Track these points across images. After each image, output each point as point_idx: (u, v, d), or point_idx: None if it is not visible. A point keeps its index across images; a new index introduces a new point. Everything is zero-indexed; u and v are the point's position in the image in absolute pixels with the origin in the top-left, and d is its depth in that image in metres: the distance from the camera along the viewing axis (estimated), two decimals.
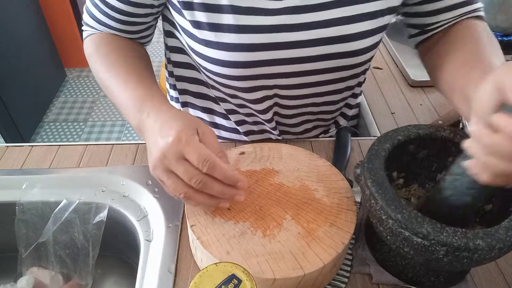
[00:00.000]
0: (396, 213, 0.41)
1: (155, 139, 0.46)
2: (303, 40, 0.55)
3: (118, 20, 0.59)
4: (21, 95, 2.05)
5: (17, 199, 0.59)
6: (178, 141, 0.44)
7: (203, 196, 0.46)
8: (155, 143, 0.46)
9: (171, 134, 0.45)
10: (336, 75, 0.60)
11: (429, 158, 0.53)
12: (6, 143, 0.69)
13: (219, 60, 0.56)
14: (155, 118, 0.49)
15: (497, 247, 0.38)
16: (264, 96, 0.63)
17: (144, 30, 0.63)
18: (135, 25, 0.61)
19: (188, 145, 0.44)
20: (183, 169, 0.44)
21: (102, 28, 0.61)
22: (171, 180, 0.46)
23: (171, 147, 0.44)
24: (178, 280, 0.49)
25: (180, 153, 0.44)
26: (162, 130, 0.46)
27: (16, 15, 2.01)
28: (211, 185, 0.45)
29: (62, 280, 0.62)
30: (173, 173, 0.45)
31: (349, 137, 0.67)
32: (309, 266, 0.44)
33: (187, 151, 0.44)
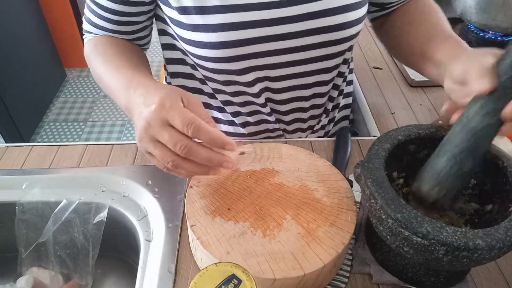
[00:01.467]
0: (396, 212, 0.41)
1: (140, 110, 0.46)
2: (290, 16, 0.57)
3: (113, 21, 0.62)
4: (21, 95, 2.05)
5: (17, 199, 0.59)
6: (162, 107, 0.44)
7: (191, 164, 0.45)
8: (139, 114, 0.46)
9: (154, 101, 0.44)
10: (324, 51, 0.62)
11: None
12: (6, 143, 0.69)
13: (208, 42, 0.57)
14: (141, 92, 0.48)
15: (497, 246, 0.38)
16: (255, 78, 0.64)
17: (139, 31, 0.65)
18: (130, 24, 0.63)
19: (171, 110, 0.43)
20: (168, 135, 0.43)
21: (100, 32, 0.64)
22: (158, 149, 0.45)
23: (154, 114, 0.44)
24: (178, 280, 0.49)
25: (163, 119, 0.43)
26: (146, 100, 0.46)
27: (16, 15, 2.01)
28: (198, 151, 0.44)
29: (62, 280, 0.62)
30: (159, 142, 0.45)
31: (349, 137, 0.67)
32: (309, 266, 0.44)
33: (171, 115, 0.43)
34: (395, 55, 0.77)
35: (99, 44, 0.63)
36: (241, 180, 0.54)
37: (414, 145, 0.51)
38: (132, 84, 0.51)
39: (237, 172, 0.55)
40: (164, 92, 0.46)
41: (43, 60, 2.26)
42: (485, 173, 0.49)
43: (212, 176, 0.54)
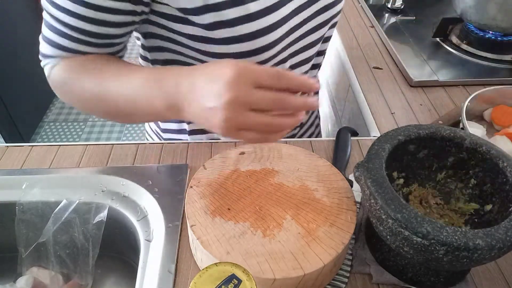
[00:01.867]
0: (396, 212, 0.41)
1: (212, 90, 0.40)
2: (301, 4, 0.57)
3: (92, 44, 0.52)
4: (21, 95, 2.05)
5: (17, 199, 0.59)
6: (239, 74, 0.39)
7: (285, 119, 0.42)
8: (216, 94, 0.40)
9: (226, 73, 0.40)
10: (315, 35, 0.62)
11: (429, 158, 0.53)
12: (6, 143, 0.69)
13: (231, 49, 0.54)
14: (190, 80, 0.43)
15: (497, 246, 0.38)
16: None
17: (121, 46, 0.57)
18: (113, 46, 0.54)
19: (251, 71, 0.40)
20: (261, 94, 0.40)
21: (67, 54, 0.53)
22: (252, 117, 0.40)
23: (236, 83, 0.39)
24: (178, 280, 0.49)
25: (248, 82, 0.39)
26: (214, 76, 0.41)
27: (16, 15, 2.01)
28: (291, 99, 0.41)
29: (62, 280, 0.62)
30: (251, 112, 0.40)
31: (349, 137, 0.67)
32: (309, 266, 0.44)
33: (255, 76, 0.39)
34: None
35: (78, 63, 0.53)
36: (241, 180, 0.54)
37: (414, 145, 0.51)
38: (169, 79, 0.45)
39: (237, 172, 0.55)
40: (224, 62, 0.41)
41: None
42: (485, 173, 0.49)
43: (212, 176, 0.54)
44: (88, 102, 0.53)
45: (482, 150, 0.48)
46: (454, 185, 0.53)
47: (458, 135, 0.50)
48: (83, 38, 0.51)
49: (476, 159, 0.49)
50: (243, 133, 0.42)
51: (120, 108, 0.51)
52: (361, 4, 1.21)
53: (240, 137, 0.43)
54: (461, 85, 0.87)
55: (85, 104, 0.54)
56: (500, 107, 0.73)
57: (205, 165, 0.56)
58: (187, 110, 0.45)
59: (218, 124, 0.41)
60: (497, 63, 0.91)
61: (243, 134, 0.42)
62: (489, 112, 0.74)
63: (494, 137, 0.67)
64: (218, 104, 0.40)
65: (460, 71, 0.89)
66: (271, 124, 0.41)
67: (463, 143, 0.50)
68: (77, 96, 0.54)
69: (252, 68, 0.40)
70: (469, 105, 0.69)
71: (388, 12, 1.13)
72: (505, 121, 0.71)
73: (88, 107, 0.55)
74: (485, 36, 0.95)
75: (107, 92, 0.51)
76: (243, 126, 0.41)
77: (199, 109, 0.43)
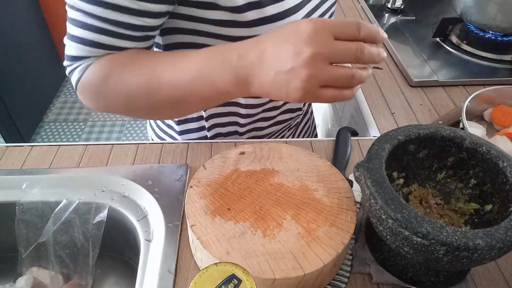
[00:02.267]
0: (396, 212, 0.41)
1: (286, 53, 0.39)
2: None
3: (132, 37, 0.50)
4: (21, 95, 2.05)
5: (17, 199, 0.59)
6: (317, 28, 0.38)
7: (363, 71, 0.41)
8: (293, 56, 0.39)
9: (304, 29, 0.39)
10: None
11: (429, 158, 0.53)
12: (6, 143, 0.69)
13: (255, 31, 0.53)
14: (258, 49, 0.42)
15: (497, 246, 0.38)
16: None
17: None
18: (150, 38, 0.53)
19: (328, 24, 0.39)
20: (342, 45, 0.39)
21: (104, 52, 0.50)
22: (334, 70, 0.39)
23: (317, 36, 0.38)
24: (178, 280, 0.49)
25: (328, 34, 0.38)
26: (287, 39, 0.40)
27: (16, 15, 2.01)
28: (369, 48, 0.40)
29: (62, 280, 0.62)
30: (330, 66, 0.39)
31: (349, 137, 0.67)
32: (309, 266, 0.44)
33: (334, 27, 0.38)
34: None
35: (119, 58, 0.50)
36: (241, 180, 0.54)
37: (414, 145, 0.51)
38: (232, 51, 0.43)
39: (237, 172, 0.55)
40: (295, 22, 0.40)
41: (43, 60, 2.26)
42: (485, 173, 0.49)
43: (212, 176, 0.54)
44: (136, 99, 0.50)
45: (482, 150, 0.48)
46: (454, 185, 0.53)
47: (458, 135, 0.50)
48: (123, 32, 0.48)
49: (476, 159, 0.49)
50: (323, 91, 0.41)
51: (174, 97, 0.48)
52: (361, 4, 1.21)
53: (320, 96, 0.41)
54: (461, 85, 0.87)
55: (131, 102, 0.51)
56: (500, 107, 0.73)
57: (205, 165, 0.56)
58: (257, 80, 0.43)
59: (299, 85, 0.40)
60: (497, 63, 0.91)
61: (323, 92, 0.41)
62: (489, 112, 0.74)
63: (494, 137, 0.67)
64: (299, 62, 0.39)
65: (460, 71, 0.89)
66: (355, 75, 0.40)
67: (463, 143, 0.50)
68: (120, 95, 0.50)
69: (329, 21, 0.39)
70: (469, 105, 0.69)
71: (388, 12, 1.13)
72: (505, 121, 0.71)
73: (133, 105, 0.51)
74: (485, 36, 0.95)
75: (160, 81, 0.48)
76: (326, 82, 0.40)
77: (273, 75, 0.41)
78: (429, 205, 0.53)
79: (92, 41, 0.48)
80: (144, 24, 0.48)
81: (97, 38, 0.48)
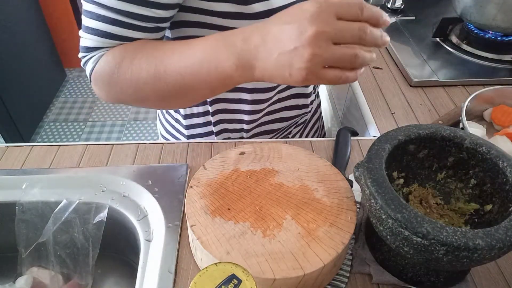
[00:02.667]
0: (396, 212, 0.41)
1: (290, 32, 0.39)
2: None
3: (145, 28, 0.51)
4: (21, 95, 2.05)
5: (17, 199, 0.59)
6: (321, 7, 0.39)
7: (365, 51, 0.41)
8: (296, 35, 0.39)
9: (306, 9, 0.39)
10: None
11: (429, 158, 0.53)
12: (6, 143, 0.69)
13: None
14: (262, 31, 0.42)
15: (497, 246, 0.38)
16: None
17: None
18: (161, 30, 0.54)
19: (332, 4, 0.39)
20: (344, 25, 0.39)
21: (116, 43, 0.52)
22: (337, 50, 0.39)
23: (320, 16, 0.38)
24: (178, 280, 0.49)
25: (331, 14, 0.38)
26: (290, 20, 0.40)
27: (16, 15, 2.01)
28: (372, 29, 0.40)
29: (62, 280, 0.62)
30: (334, 45, 0.40)
31: (349, 137, 0.67)
32: (309, 266, 0.44)
33: (337, 8, 0.39)
34: None
35: (131, 47, 0.51)
36: (241, 180, 0.54)
37: (414, 145, 0.51)
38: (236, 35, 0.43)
39: (237, 172, 0.55)
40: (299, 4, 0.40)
41: (43, 60, 2.26)
42: (485, 173, 0.49)
43: (212, 176, 0.54)
44: (145, 86, 0.51)
45: (482, 150, 0.48)
46: (454, 185, 0.53)
47: (458, 135, 0.50)
48: (134, 23, 0.50)
49: (476, 159, 0.49)
50: (326, 71, 0.41)
51: (181, 84, 0.49)
52: None
53: (323, 76, 0.41)
54: (461, 85, 0.87)
55: (140, 90, 0.52)
56: (500, 107, 0.73)
57: (205, 165, 0.56)
58: (260, 64, 0.43)
59: (302, 65, 0.40)
60: (497, 63, 0.91)
61: (327, 72, 0.41)
62: (489, 112, 0.74)
63: (494, 137, 0.67)
64: (302, 41, 0.39)
65: (460, 71, 0.89)
66: (358, 55, 0.40)
67: (463, 143, 0.50)
68: (131, 83, 0.51)
69: (332, 1, 0.39)
70: (469, 105, 0.69)
71: (388, 12, 1.13)
72: (505, 121, 0.71)
73: (142, 94, 0.52)
74: (485, 36, 0.95)
75: (167, 68, 0.49)
76: (329, 61, 0.40)
77: (277, 57, 0.41)
78: (429, 205, 0.53)
79: (106, 32, 0.50)
80: (155, 15, 0.50)
81: (110, 29, 0.50)
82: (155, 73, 0.49)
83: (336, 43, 0.40)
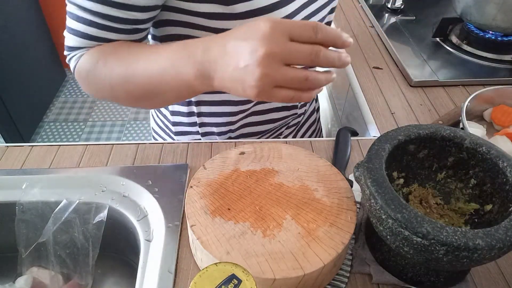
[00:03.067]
0: (396, 212, 0.41)
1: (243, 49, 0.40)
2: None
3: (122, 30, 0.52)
4: (21, 95, 2.05)
5: (17, 199, 0.59)
6: (275, 28, 0.38)
7: (322, 74, 0.41)
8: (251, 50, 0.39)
9: (261, 28, 0.39)
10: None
11: (429, 158, 0.53)
12: (6, 143, 0.69)
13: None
14: (221, 43, 0.42)
15: (497, 246, 0.38)
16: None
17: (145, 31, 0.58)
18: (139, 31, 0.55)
19: (287, 24, 0.39)
20: (297, 47, 0.39)
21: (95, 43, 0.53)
22: (289, 71, 0.40)
23: (272, 37, 0.38)
24: (178, 280, 0.49)
25: (284, 34, 0.38)
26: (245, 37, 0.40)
27: (16, 15, 2.01)
28: (326, 52, 0.40)
29: (62, 280, 0.62)
30: (286, 66, 0.40)
31: (349, 137, 0.67)
32: (309, 266, 0.44)
33: (291, 28, 0.38)
34: None
35: (106, 49, 0.53)
36: (241, 180, 0.54)
37: (414, 145, 0.51)
38: (198, 45, 0.44)
39: (237, 172, 0.55)
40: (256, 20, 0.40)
41: (43, 60, 2.26)
42: (485, 173, 0.49)
43: (212, 176, 0.54)
44: (117, 87, 0.53)
45: (482, 150, 0.48)
46: (454, 185, 0.53)
47: (458, 135, 0.50)
48: (111, 25, 0.51)
49: (476, 159, 0.49)
50: (278, 91, 0.41)
51: (148, 87, 0.50)
52: (361, 4, 1.21)
53: (274, 95, 0.41)
54: (461, 85, 0.87)
55: (113, 89, 0.53)
56: (500, 107, 0.73)
57: (205, 165, 0.56)
58: (218, 76, 0.43)
59: (253, 84, 0.40)
60: (497, 63, 0.91)
61: (278, 92, 0.41)
62: (489, 112, 0.74)
63: (494, 137, 0.67)
64: (253, 60, 0.39)
65: (460, 71, 0.89)
66: (308, 78, 0.40)
67: (463, 143, 0.50)
68: (105, 82, 0.53)
69: (287, 21, 0.39)
70: (469, 105, 0.69)
71: (388, 12, 1.13)
72: (505, 121, 0.71)
73: (116, 93, 0.54)
74: (485, 36, 0.95)
75: (135, 72, 0.50)
76: (280, 82, 0.40)
77: (231, 71, 0.41)
78: (429, 205, 0.53)
79: (84, 33, 0.52)
80: (132, 17, 0.51)
81: (89, 30, 0.52)
82: (125, 76, 0.51)
83: (288, 64, 0.40)
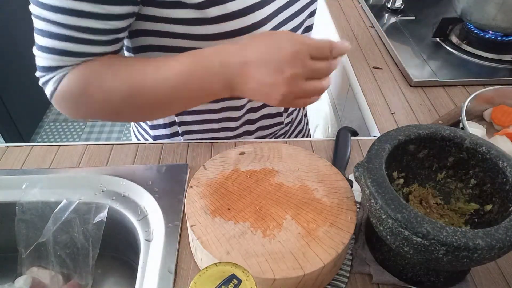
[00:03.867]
0: (396, 212, 0.41)
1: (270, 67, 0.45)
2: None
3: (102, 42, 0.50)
4: (21, 95, 2.05)
5: (17, 199, 0.59)
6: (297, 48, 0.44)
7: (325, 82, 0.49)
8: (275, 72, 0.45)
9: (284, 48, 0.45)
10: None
11: (429, 158, 0.53)
12: (6, 143, 0.69)
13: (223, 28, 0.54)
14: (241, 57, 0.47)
15: (497, 246, 0.38)
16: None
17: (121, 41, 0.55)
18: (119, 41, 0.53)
19: (307, 44, 0.45)
20: (317, 66, 0.46)
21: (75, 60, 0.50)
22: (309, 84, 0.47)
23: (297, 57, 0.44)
24: (178, 280, 0.49)
25: (306, 55, 0.45)
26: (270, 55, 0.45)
27: (16, 15, 2.01)
28: (336, 65, 0.47)
29: (62, 280, 0.62)
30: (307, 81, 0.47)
31: (349, 137, 0.67)
32: (309, 266, 0.44)
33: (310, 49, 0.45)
34: None
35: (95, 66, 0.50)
36: (241, 180, 0.54)
37: (414, 145, 0.51)
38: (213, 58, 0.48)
39: (237, 172, 0.55)
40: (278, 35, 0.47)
41: None
42: (485, 173, 0.49)
43: (212, 176, 0.54)
44: (118, 105, 0.51)
45: (482, 150, 0.48)
46: (454, 185, 0.53)
47: (458, 135, 0.50)
48: (90, 38, 0.48)
49: (476, 159, 0.49)
50: (297, 101, 0.49)
51: (159, 100, 0.51)
52: (361, 4, 1.21)
53: (294, 104, 0.49)
54: (461, 85, 0.87)
55: (113, 108, 0.52)
56: (500, 107, 0.73)
57: (205, 165, 0.56)
58: (241, 88, 0.49)
59: (278, 98, 0.47)
60: (497, 63, 0.91)
61: (297, 102, 0.49)
62: (489, 112, 0.74)
63: (494, 137, 0.67)
64: (280, 79, 0.45)
65: (460, 71, 0.89)
66: (323, 88, 0.48)
67: (463, 143, 0.50)
68: (103, 103, 0.51)
69: (307, 43, 0.45)
70: (469, 105, 0.69)
71: (388, 12, 1.13)
72: (505, 121, 0.71)
73: (116, 110, 0.52)
74: (485, 36, 0.95)
75: (144, 84, 0.50)
76: (301, 95, 0.47)
77: (255, 85, 0.47)
78: (429, 205, 0.53)
79: (61, 49, 0.48)
80: (112, 27, 0.49)
81: (65, 46, 0.48)
82: (130, 93, 0.50)
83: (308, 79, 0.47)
